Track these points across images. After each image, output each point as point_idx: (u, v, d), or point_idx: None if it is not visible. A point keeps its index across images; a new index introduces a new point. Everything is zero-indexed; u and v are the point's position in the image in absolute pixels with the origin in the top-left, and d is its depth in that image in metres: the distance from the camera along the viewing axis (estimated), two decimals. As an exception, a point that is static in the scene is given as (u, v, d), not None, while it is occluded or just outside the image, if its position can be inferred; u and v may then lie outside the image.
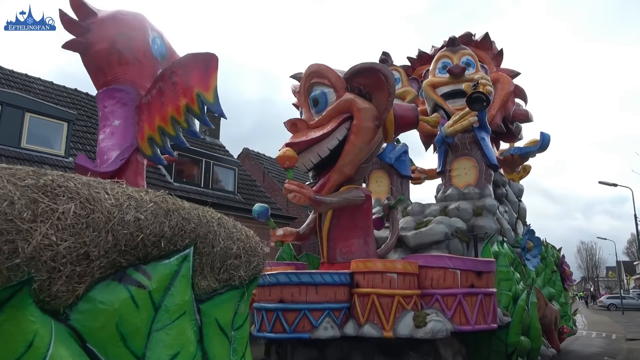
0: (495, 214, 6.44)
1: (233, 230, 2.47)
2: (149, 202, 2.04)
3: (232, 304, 2.42)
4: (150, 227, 1.98)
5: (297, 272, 4.18)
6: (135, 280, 1.94)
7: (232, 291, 2.40)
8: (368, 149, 5.14)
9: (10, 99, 14.16)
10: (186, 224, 2.17)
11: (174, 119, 2.97)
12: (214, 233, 2.31)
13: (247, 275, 2.49)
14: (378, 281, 4.17)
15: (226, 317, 2.37)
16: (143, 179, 3.28)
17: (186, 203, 2.32)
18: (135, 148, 3.17)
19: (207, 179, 17.83)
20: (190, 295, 2.17)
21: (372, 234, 5.29)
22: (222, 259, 2.35)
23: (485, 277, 4.48)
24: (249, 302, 2.62)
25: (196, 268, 2.22)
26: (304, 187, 4.66)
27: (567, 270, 10.00)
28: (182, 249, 2.15)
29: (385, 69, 4.96)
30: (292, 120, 5.28)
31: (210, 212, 2.41)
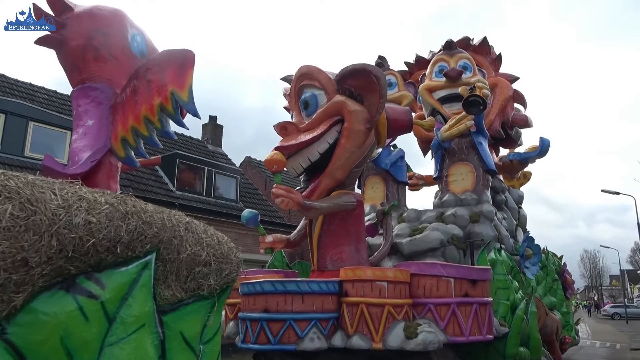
0: (492, 221, 6.26)
1: (203, 236, 2.30)
2: (103, 203, 1.88)
3: (201, 316, 2.24)
4: (104, 231, 1.81)
5: (283, 280, 4.00)
6: (86, 289, 1.77)
7: (200, 301, 2.23)
8: (360, 153, 4.98)
9: (14, 108, 14.32)
10: (147, 228, 2.00)
11: (148, 118, 2.81)
12: (179, 238, 2.14)
13: (218, 284, 2.32)
14: (367, 290, 3.98)
15: (193, 330, 2.19)
16: (116, 182, 3.11)
17: (150, 206, 2.15)
18: (108, 149, 3.01)
19: (209, 188, 17.83)
20: (150, 305, 2.00)
21: (364, 240, 5.12)
22: (189, 266, 2.18)
23: (481, 286, 4.30)
24: (221, 313, 2.45)
25: (159, 276, 2.05)
26: (292, 192, 4.49)
27: (569, 279, 9.78)
28: (143, 256, 1.98)
29: (377, 70, 4.81)
30: (282, 124, 5.12)
31: (177, 216, 2.25)
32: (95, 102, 3.08)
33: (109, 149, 3.01)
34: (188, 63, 2.82)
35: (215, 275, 2.30)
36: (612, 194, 29.42)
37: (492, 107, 8.95)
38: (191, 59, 2.84)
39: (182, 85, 2.76)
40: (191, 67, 2.82)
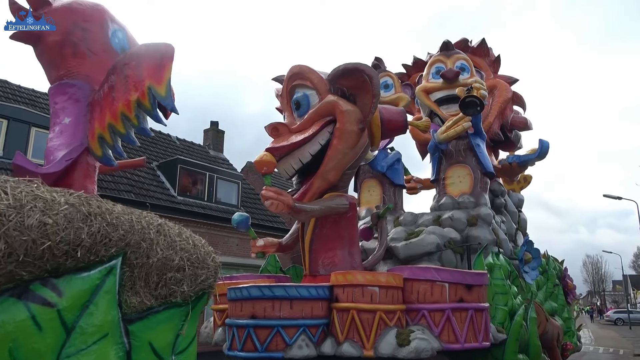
0: (490, 224, 6.11)
1: (176, 239, 2.16)
2: (62, 204, 1.75)
3: (173, 324, 2.10)
4: (62, 233, 1.68)
5: (271, 285, 3.86)
6: (40, 296, 1.64)
7: (172, 309, 2.09)
8: (352, 154, 4.85)
9: (17, 113, 14.47)
10: (112, 231, 1.87)
11: (124, 115, 2.68)
12: (149, 241, 2.01)
13: (193, 291, 2.19)
14: (358, 295, 3.84)
15: (164, 340, 2.06)
16: (93, 182, 2.98)
17: (118, 206, 2.02)
18: (85, 148, 2.88)
19: (210, 193, 17.82)
20: (115, 314, 1.86)
21: (358, 244, 4.98)
22: (160, 271, 2.05)
23: (477, 291, 4.15)
24: (197, 321, 2.31)
25: (125, 282, 1.92)
26: (282, 194, 4.36)
27: (570, 284, 9.59)
28: (107, 260, 1.85)
29: (370, 69, 4.68)
30: (274, 125, 5.00)
31: (147, 218, 2.11)
32: (72, 99, 2.96)
33: (86, 147, 2.88)
34: (167, 57, 2.69)
35: (190, 281, 2.17)
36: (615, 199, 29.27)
37: (491, 109, 8.82)
38: (170, 52, 2.71)
39: (159, 80, 2.63)
40: (170, 61, 2.69)
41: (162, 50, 2.70)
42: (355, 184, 7.88)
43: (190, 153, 21.12)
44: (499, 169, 8.85)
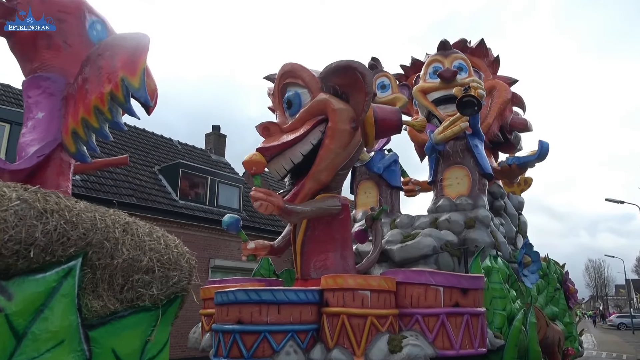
0: (488, 226, 5.96)
1: (146, 239, 2.02)
2: (14, 199, 1.61)
3: (140, 330, 1.96)
4: (11, 231, 1.54)
5: (258, 289, 3.71)
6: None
7: (140, 314, 1.95)
8: (345, 154, 4.71)
9: (19, 117, 14.64)
10: (71, 229, 1.73)
11: (98, 108, 2.55)
12: (114, 241, 1.87)
13: (164, 294, 2.05)
14: (349, 299, 3.69)
15: (129, 346, 1.91)
16: (67, 179, 2.85)
17: (82, 203, 1.88)
18: (59, 144, 2.75)
19: (212, 197, 17.80)
20: (73, 319, 1.72)
21: (351, 247, 4.83)
22: (127, 273, 1.91)
23: (472, 295, 4.00)
24: (169, 326, 2.16)
25: (86, 285, 1.78)
26: (272, 195, 4.22)
27: (572, 288, 9.41)
28: (65, 261, 1.71)
29: (362, 66, 4.55)
30: (265, 124, 4.87)
31: (113, 216, 1.98)
32: (46, 93, 2.83)
33: (60, 143, 2.75)
34: (141, 47, 2.57)
35: (160, 283, 2.03)
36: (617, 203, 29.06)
37: (490, 110, 8.69)
38: (145, 43, 2.59)
39: (133, 72, 2.50)
40: (144, 52, 2.56)
41: (137, 41, 2.57)
42: (351, 185, 7.75)
43: (191, 157, 21.10)
44: (499, 171, 8.70)
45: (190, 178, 17.51)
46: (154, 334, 2.03)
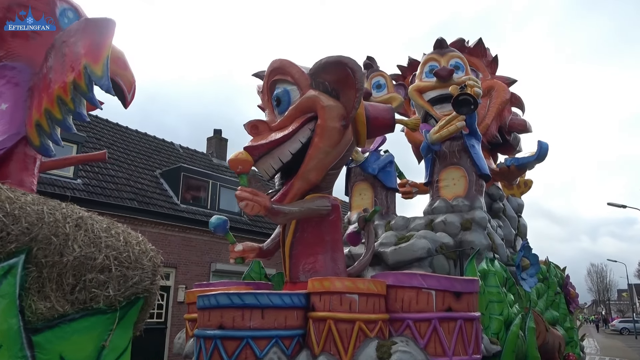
0: (485, 228, 5.78)
1: (102, 235, 1.86)
2: (-58, 190, 1.45)
3: (94, 334, 1.79)
4: (-63, 224, 1.39)
5: (240, 293, 3.53)
6: None
7: (94, 317, 1.78)
8: (336, 153, 4.54)
9: None
10: (12, 223, 1.57)
11: (60, 98, 2.39)
12: (64, 237, 1.71)
13: (122, 295, 1.88)
14: (336, 303, 3.51)
15: (80, 352, 1.74)
16: (32, 175, 2.69)
17: (29, 196, 1.72)
18: (23, 137, 2.59)
19: (213, 201, 17.83)
20: (14, 322, 1.55)
21: (341, 249, 4.65)
22: (78, 272, 1.74)
23: (466, 299, 3.81)
24: (130, 330, 1.99)
25: (30, 285, 1.61)
26: (258, 195, 4.05)
27: (573, 292, 9.22)
28: (5, 258, 1.55)
29: (353, 62, 4.39)
30: (253, 122, 4.70)
31: (65, 209, 1.81)
32: (11, 83, 2.67)
33: (24, 136, 2.59)
34: (107, 32, 2.41)
35: (117, 283, 1.86)
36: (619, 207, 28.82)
37: (488, 110, 8.54)
38: (110, 28, 2.43)
39: (96, 58, 2.34)
40: (109, 37, 2.41)
41: (102, 26, 2.42)
42: (346, 187, 7.59)
43: (193, 161, 21.09)
44: (497, 172, 8.54)
45: (192, 182, 17.50)
46: (109, 339, 1.86)
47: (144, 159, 19.15)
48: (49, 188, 14.11)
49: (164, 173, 18.43)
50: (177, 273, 16.54)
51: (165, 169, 18.57)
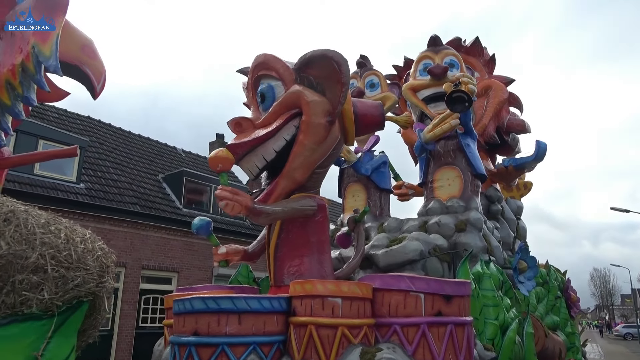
0: (481, 230, 5.57)
1: (37, 231, 1.69)
2: None
3: (24, 343, 1.60)
4: None
5: (216, 297, 3.33)
6: None
7: (24, 323, 1.60)
8: (322, 150, 4.36)
9: (25, 126, 15.21)
10: None
11: (9, 83, 2.20)
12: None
13: (61, 299, 1.69)
14: (318, 308, 3.31)
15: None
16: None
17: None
18: (-26, 131, 2.41)
19: (216, 205, 18.09)
20: None
21: (328, 251, 4.45)
22: (6, 272, 1.56)
23: (457, 303, 3.60)
24: (73, 338, 1.80)
25: (-56, 286, 1.43)
26: (240, 194, 3.87)
27: (574, 296, 8.97)
28: None
29: (339, 55, 4.21)
30: (236, 119, 4.53)
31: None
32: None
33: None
34: (58, 10, 2.22)
35: (55, 285, 1.68)
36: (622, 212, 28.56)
37: (485, 110, 8.37)
38: (62, 5, 2.24)
39: (45, 37, 2.15)
40: (62, 14, 2.22)
41: (53, 3, 2.23)
42: (339, 188, 7.39)
43: (195, 165, 21.13)
44: (495, 174, 8.34)
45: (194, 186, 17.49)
46: (44, 348, 1.67)
47: (147, 163, 19.12)
48: (52, 192, 14.11)
49: (166, 177, 18.39)
50: (179, 277, 16.41)
51: (167, 174, 18.53)
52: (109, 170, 17.68)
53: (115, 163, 18.42)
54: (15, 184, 13.56)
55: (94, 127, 20.11)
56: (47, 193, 13.99)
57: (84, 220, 14.93)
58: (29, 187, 13.82)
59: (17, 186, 13.60)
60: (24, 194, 13.49)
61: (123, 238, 15.73)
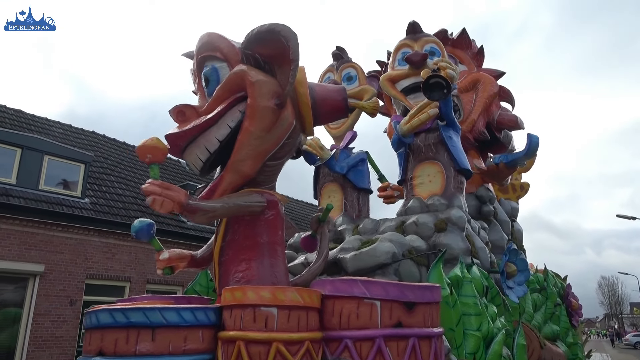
0: (464, 229, 4.98)
1: None
2: None
3: None
4: None
5: (127, 308, 2.76)
6: None
7: None
8: (272, 139, 3.82)
9: (30, 142, 15.26)
10: None
11: None
12: None
13: None
14: (248, 319, 2.74)
15: None
16: None
17: None
18: None
19: None
20: None
21: (281, 254, 3.88)
22: None
23: (421, 311, 3.01)
24: None
25: None
26: (171, 189, 3.32)
27: (575, 303, 8.33)
28: None
29: (287, 29, 3.69)
30: (179, 107, 3.99)
31: None
32: None
33: None
34: None
35: None
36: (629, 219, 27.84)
37: (474, 105, 7.84)
38: None
39: None
40: None
41: None
42: (315, 189, 6.83)
43: (199, 179, 21.16)
44: (486, 172, 7.76)
45: (200, 200, 17.58)
46: None
47: (150, 176, 19.34)
48: (57, 207, 13.96)
49: (170, 191, 18.53)
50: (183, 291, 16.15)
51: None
52: (113, 185, 17.66)
53: (119, 177, 18.47)
54: (20, 200, 13.50)
55: (99, 142, 20.45)
56: (52, 208, 13.85)
57: (89, 235, 14.65)
58: (34, 202, 13.84)
59: (22, 202, 13.53)
60: (29, 209, 13.33)
61: (128, 252, 15.62)
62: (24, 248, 13.32)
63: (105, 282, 15.06)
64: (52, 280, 13.82)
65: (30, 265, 13.40)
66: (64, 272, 14.09)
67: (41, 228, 13.63)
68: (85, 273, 14.55)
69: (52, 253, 13.87)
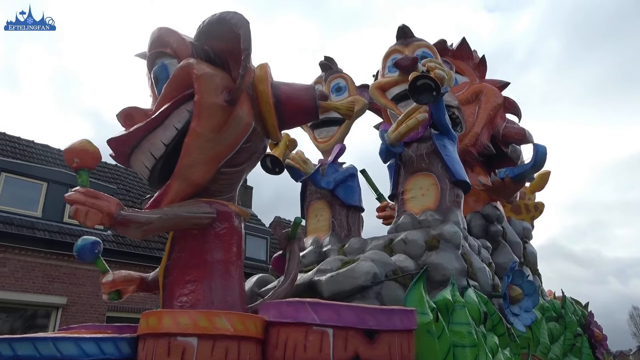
0: (459, 247, 4.36)
1: None
2: None
3: None
4: None
5: (15, 339, 2.24)
6: None
7: None
8: (224, 142, 3.34)
9: (55, 176, 15.89)
10: None
11: None
12: None
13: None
14: (162, 352, 2.19)
15: None
16: None
17: None
18: None
19: None
20: None
21: (236, 274, 3.34)
22: None
23: (386, 342, 2.41)
24: None
25: None
26: (99, 198, 2.84)
27: (598, 333, 7.45)
28: None
29: (238, 17, 3.27)
30: (127, 110, 3.58)
31: None
32: None
33: None
34: None
35: None
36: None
37: (477, 117, 7.29)
38: None
39: None
40: None
41: None
42: (302, 207, 6.30)
43: None
44: (492, 188, 7.13)
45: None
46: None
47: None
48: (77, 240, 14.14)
49: (191, 223, 18.87)
50: None
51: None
52: (135, 218, 18.16)
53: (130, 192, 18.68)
54: (45, 233, 13.74)
55: (121, 175, 21.02)
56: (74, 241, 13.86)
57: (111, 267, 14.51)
58: (59, 235, 14.10)
59: (47, 235, 13.75)
60: (54, 242, 13.48)
61: (148, 284, 15.92)
62: (47, 280, 13.55)
63: (126, 314, 14.94)
64: (74, 312, 13.87)
65: (53, 298, 13.60)
66: (86, 304, 14.23)
67: (65, 260, 13.87)
68: (107, 305, 14.51)
69: (75, 285, 14.08)
